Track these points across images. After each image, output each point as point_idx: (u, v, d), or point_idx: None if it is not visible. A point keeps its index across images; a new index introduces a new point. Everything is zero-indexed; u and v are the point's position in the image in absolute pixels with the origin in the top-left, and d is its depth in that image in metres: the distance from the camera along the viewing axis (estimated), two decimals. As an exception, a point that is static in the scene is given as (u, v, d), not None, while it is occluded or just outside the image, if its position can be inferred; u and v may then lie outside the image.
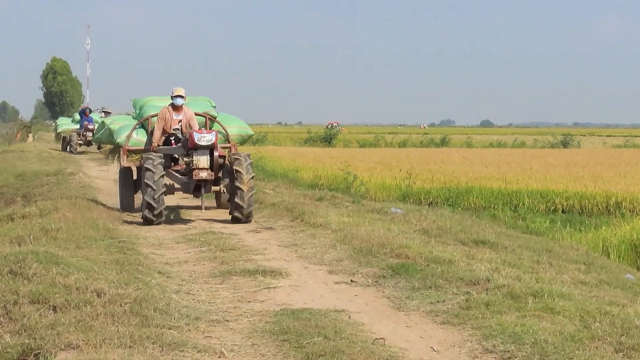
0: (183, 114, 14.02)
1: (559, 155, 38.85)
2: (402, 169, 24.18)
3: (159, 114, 14.08)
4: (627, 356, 5.80)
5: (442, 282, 7.95)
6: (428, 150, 46.37)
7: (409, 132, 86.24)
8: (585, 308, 6.86)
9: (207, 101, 15.59)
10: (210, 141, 12.77)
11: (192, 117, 14.10)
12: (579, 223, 17.89)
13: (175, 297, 7.42)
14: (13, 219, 11.88)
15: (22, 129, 52.39)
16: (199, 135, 12.79)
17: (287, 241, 10.92)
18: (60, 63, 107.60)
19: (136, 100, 15.87)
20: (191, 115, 14.13)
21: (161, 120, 14.00)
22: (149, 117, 14.69)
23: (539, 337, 6.02)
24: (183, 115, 14.03)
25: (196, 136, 12.75)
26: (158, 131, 14.01)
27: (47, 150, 34.89)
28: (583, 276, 8.82)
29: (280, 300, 7.57)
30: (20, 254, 7.60)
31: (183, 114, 14.02)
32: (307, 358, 5.70)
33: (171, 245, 10.68)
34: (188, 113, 14.09)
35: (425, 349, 6.12)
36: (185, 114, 14.04)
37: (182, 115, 14.03)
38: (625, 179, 23.92)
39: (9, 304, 6.37)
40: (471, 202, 20.93)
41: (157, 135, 14.01)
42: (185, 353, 5.72)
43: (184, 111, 14.05)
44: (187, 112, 14.10)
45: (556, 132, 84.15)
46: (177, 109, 14.01)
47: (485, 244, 10.48)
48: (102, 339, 5.72)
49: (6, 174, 21.36)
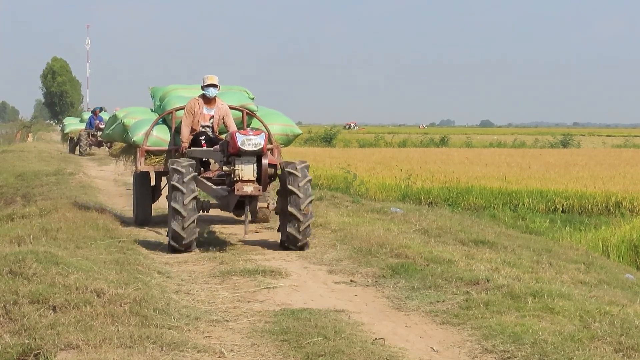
0: (216, 107, 11.70)
1: (559, 155, 38.83)
2: (402, 169, 24.17)
3: (187, 107, 11.68)
4: (627, 356, 5.81)
5: (442, 282, 7.95)
6: (428, 150, 46.35)
7: (409, 132, 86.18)
8: (585, 308, 6.87)
9: (243, 92, 12.93)
10: (258, 145, 9.88)
11: (227, 113, 11.79)
12: (578, 223, 17.88)
13: (175, 297, 7.42)
14: (13, 218, 11.89)
15: (22, 129, 52.41)
16: (244, 137, 9.88)
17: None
18: (60, 63, 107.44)
19: (156, 89, 13.11)
20: (226, 109, 11.81)
21: (189, 115, 11.61)
22: (173, 110, 12.11)
23: (538, 337, 6.02)
24: (216, 110, 11.71)
25: (240, 139, 9.87)
26: (186, 128, 11.61)
27: (47, 150, 34.86)
28: (583, 276, 8.83)
29: (280, 300, 7.57)
30: (20, 253, 7.60)
31: (216, 108, 11.70)
32: (307, 358, 5.71)
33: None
34: (222, 107, 11.77)
35: (425, 349, 6.12)
36: (219, 108, 11.72)
37: (215, 110, 11.71)
38: (625, 179, 23.92)
39: (9, 304, 6.38)
40: (471, 202, 20.92)
41: (185, 134, 11.63)
42: (185, 353, 5.73)
43: (217, 104, 11.72)
44: (221, 105, 11.77)
45: (556, 132, 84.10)
46: (209, 102, 11.66)
47: (485, 244, 10.49)
48: (102, 339, 5.73)
49: (6, 174, 21.35)
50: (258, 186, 9.84)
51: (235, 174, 9.84)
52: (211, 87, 11.50)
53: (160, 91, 12.85)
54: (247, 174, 9.83)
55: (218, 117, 11.68)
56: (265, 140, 9.94)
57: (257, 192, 9.82)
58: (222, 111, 11.70)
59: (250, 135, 9.92)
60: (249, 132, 10.05)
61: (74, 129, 35.47)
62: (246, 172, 9.83)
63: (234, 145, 9.87)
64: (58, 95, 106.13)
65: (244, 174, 9.83)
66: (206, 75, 11.57)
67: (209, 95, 11.56)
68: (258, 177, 9.89)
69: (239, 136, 9.89)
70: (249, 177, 9.84)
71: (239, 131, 10.12)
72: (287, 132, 12.74)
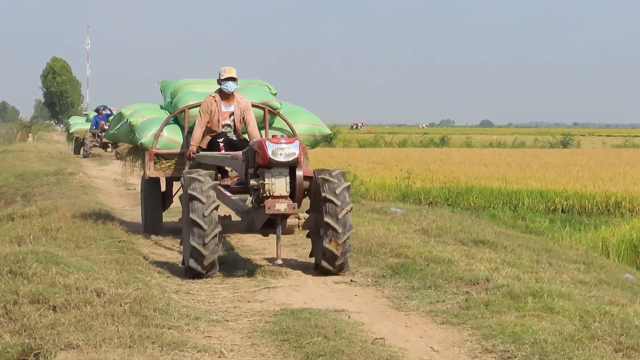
0: (235, 103, 10.30)
1: (559, 155, 38.84)
2: (402, 169, 24.19)
3: (202, 105, 10.30)
4: (627, 356, 5.81)
5: (442, 282, 7.96)
6: (428, 150, 46.39)
7: (409, 132, 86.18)
8: (585, 308, 6.87)
9: (264, 87, 11.53)
10: (292, 156, 8.27)
11: (248, 107, 10.37)
12: (578, 223, 17.89)
13: (175, 297, 7.42)
14: (13, 218, 11.88)
15: (22, 129, 52.41)
16: (275, 146, 8.25)
17: (286, 241, 10.90)
18: (60, 63, 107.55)
19: (166, 84, 11.69)
20: (246, 104, 10.38)
21: (205, 114, 10.23)
22: (185, 108, 10.77)
23: (538, 337, 6.03)
24: (235, 106, 10.30)
25: (270, 147, 8.24)
26: (200, 129, 10.29)
27: (47, 150, 34.85)
28: (582, 276, 8.83)
29: (280, 300, 7.58)
30: (20, 253, 7.60)
31: (235, 104, 10.30)
32: (306, 358, 5.71)
33: (171, 244, 10.67)
34: (242, 101, 10.36)
35: (425, 349, 6.12)
36: (239, 103, 10.32)
37: (234, 106, 10.30)
38: (625, 179, 23.93)
39: (9, 304, 6.38)
40: (471, 202, 20.94)
41: (197, 135, 10.31)
42: (185, 353, 5.73)
43: (237, 100, 10.32)
44: (241, 101, 10.36)
45: (556, 132, 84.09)
46: (227, 98, 10.26)
47: (484, 244, 10.49)
48: (102, 338, 5.73)
49: (6, 174, 21.35)
50: (292, 203, 8.28)
51: (265, 189, 8.28)
52: (230, 81, 10.12)
53: (171, 86, 11.50)
54: (279, 189, 8.30)
55: (239, 114, 10.29)
56: (300, 149, 8.36)
57: (291, 211, 8.29)
58: (242, 106, 10.31)
59: (282, 143, 8.29)
60: (281, 139, 8.38)
61: (79, 128, 34.13)
62: (278, 186, 8.30)
63: (264, 155, 8.26)
64: (58, 95, 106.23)
65: (276, 189, 8.29)
66: (223, 68, 10.17)
67: (228, 90, 10.17)
68: (292, 192, 8.36)
69: (269, 145, 8.25)
70: (282, 192, 8.30)
71: (269, 139, 8.41)
72: (315, 133, 11.39)
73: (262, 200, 8.33)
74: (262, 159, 8.30)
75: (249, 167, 8.61)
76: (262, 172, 8.34)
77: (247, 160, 8.69)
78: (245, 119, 10.31)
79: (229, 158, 9.47)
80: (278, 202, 8.21)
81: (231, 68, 10.13)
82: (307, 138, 11.18)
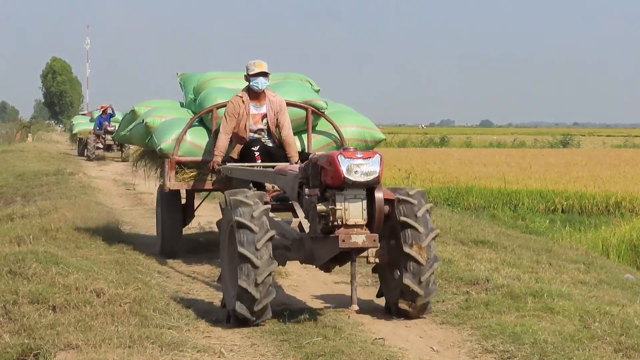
0: (267, 103, 8.64)
1: (559, 155, 38.83)
2: (402, 169, 24.18)
3: (228, 107, 8.63)
4: (627, 356, 5.81)
5: (442, 282, 7.95)
6: (427, 150, 46.40)
7: (409, 132, 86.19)
8: (585, 308, 6.87)
9: (305, 82, 9.82)
10: (372, 174, 6.47)
11: (282, 107, 8.69)
12: (578, 223, 17.87)
13: (175, 297, 7.42)
14: (13, 218, 11.88)
15: (22, 129, 52.38)
16: (350, 161, 6.44)
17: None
18: (60, 63, 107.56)
19: (187, 77, 9.97)
20: (280, 103, 8.70)
21: (232, 118, 8.57)
22: (213, 107, 9.05)
23: (538, 337, 6.03)
24: (268, 107, 8.64)
25: (344, 163, 6.43)
26: (225, 136, 8.62)
27: (47, 150, 34.83)
28: (582, 276, 8.82)
29: (279, 300, 7.56)
30: (19, 253, 7.61)
31: (267, 104, 8.64)
32: (306, 358, 5.71)
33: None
34: (275, 100, 8.67)
35: (425, 349, 6.12)
36: (271, 103, 8.64)
37: (267, 107, 8.64)
38: (625, 179, 23.92)
39: (9, 304, 6.39)
40: (471, 202, 20.93)
41: (222, 144, 8.63)
42: (184, 353, 5.73)
43: (269, 99, 8.64)
44: (273, 98, 8.67)
45: (556, 132, 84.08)
46: (257, 97, 8.60)
47: (484, 244, 10.48)
48: (102, 339, 5.73)
49: (6, 174, 21.34)
50: (371, 234, 6.50)
51: (337, 216, 6.48)
52: (260, 77, 8.47)
53: (193, 80, 9.75)
54: (354, 216, 6.51)
55: (273, 115, 8.63)
56: (381, 166, 6.55)
57: (371, 244, 6.50)
58: (275, 106, 8.64)
59: (359, 158, 6.46)
60: (356, 153, 6.52)
61: (83, 129, 32.24)
62: (353, 213, 6.51)
63: (336, 173, 6.45)
64: (58, 95, 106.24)
65: (350, 216, 6.50)
66: (252, 61, 8.50)
67: (258, 88, 8.52)
68: (370, 219, 6.57)
69: (342, 160, 6.43)
70: (357, 220, 6.51)
71: (342, 152, 6.50)
72: (366, 137, 9.47)
73: (331, 230, 6.54)
74: (332, 178, 6.51)
75: (309, 187, 6.72)
76: (332, 194, 6.51)
77: (306, 178, 6.80)
78: (279, 121, 8.65)
79: (271, 173, 7.67)
80: (354, 232, 6.47)
81: (262, 62, 8.48)
82: (357, 144, 9.15)
